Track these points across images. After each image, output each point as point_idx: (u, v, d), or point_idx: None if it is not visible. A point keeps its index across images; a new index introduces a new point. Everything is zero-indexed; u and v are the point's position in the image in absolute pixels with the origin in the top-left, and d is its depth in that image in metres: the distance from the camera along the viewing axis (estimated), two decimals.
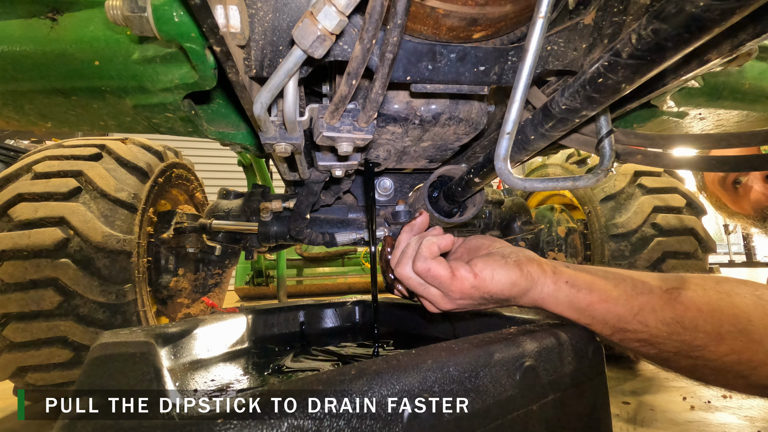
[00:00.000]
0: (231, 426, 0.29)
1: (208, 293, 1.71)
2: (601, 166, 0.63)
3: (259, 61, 0.53)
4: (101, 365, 0.45)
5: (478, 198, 0.95)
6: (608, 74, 0.43)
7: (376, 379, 0.36)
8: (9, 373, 1.23)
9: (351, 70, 0.46)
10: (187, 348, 0.69)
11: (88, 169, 1.28)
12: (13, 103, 0.69)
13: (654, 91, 0.59)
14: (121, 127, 0.76)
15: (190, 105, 0.69)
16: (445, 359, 0.41)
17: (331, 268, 4.94)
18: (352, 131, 0.58)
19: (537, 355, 0.48)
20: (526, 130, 0.62)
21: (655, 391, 1.39)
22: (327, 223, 1.14)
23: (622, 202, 1.60)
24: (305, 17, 0.40)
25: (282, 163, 0.83)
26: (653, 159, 0.61)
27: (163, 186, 1.53)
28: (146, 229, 1.38)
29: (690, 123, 0.93)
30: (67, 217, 1.18)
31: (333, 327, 0.97)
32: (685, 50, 0.37)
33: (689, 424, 1.13)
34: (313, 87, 0.77)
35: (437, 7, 0.48)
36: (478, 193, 0.93)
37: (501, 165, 0.59)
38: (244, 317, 0.83)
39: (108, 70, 0.61)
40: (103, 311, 1.21)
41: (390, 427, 0.35)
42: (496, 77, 0.58)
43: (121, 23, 0.47)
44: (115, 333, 0.58)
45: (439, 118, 0.66)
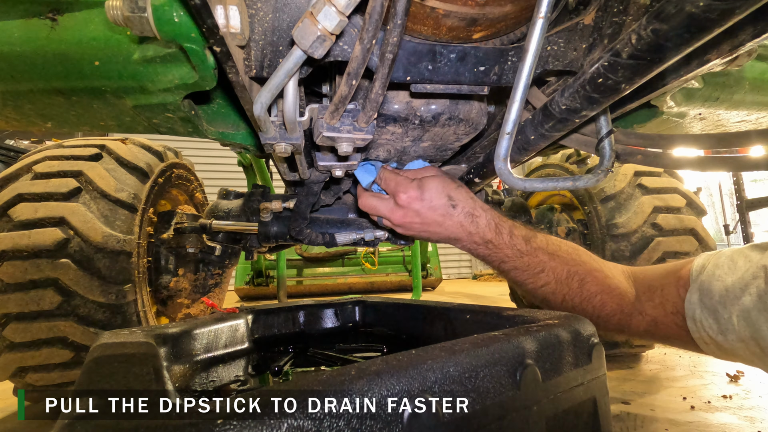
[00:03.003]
0: (231, 426, 0.29)
1: (208, 293, 1.71)
2: (601, 166, 0.64)
3: (259, 62, 0.53)
4: (101, 365, 0.45)
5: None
6: (608, 74, 0.43)
7: (376, 379, 0.36)
8: (9, 373, 1.23)
9: (351, 70, 0.46)
10: (187, 348, 0.69)
11: (88, 169, 1.28)
12: (13, 103, 0.69)
13: (654, 91, 0.59)
14: (121, 127, 0.76)
15: (190, 105, 0.69)
16: (445, 359, 0.41)
17: (331, 268, 4.94)
18: (352, 131, 0.59)
19: (537, 355, 0.48)
20: (526, 130, 0.62)
21: (655, 391, 1.39)
22: (327, 223, 1.14)
23: (622, 202, 1.60)
24: (305, 17, 0.40)
25: (282, 163, 0.83)
26: (653, 159, 0.61)
27: (163, 186, 1.53)
28: (146, 230, 1.38)
29: (690, 123, 0.93)
30: (67, 218, 1.18)
31: (333, 327, 0.97)
32: (685, 50, 0.37)
33: (689, 424, 1.13)
34: (313, 87, 0.77)
35: (437, 8, 0.48)
36: (478, 194, 0.93)
37: (501, 165, 0.59)
38: (243, 317, 0.83)
39: (108, 71, 0.61)
40: (103, 311, 1.21)
41: (390, 427, 0.35)
42: (496, 77, 0.58)
43: (121, 23, 0.47)
44: (115, 333, 0.58)
45: (439, 118, 0.66)
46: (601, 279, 0.73)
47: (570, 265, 0.74)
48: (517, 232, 0.76)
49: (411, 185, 0.76)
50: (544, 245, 0.75)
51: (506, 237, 0.75)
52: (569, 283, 0.73)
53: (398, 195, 0.76)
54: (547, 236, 0.78)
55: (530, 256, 0.75)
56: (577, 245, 0.79)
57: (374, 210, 0.82)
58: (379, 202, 0.80)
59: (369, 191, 0.84)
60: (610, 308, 0.72)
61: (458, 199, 0.75)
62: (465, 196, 0.76)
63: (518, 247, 0.75)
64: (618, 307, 0.71)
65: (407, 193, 0.75)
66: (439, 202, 0.75)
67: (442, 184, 0.76)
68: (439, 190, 0.75)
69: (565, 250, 0.76)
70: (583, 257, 0.76)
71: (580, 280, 0.73)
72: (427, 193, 0.75)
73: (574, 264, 0.74)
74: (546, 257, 0.75)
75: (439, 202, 0.75)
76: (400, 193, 0.76)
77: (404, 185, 0.76)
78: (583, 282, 0.73)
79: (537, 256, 0.75)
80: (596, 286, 0.72)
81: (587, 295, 0.73)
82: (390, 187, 0.79)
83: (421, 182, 0.76)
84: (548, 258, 0.75)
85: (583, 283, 0.73)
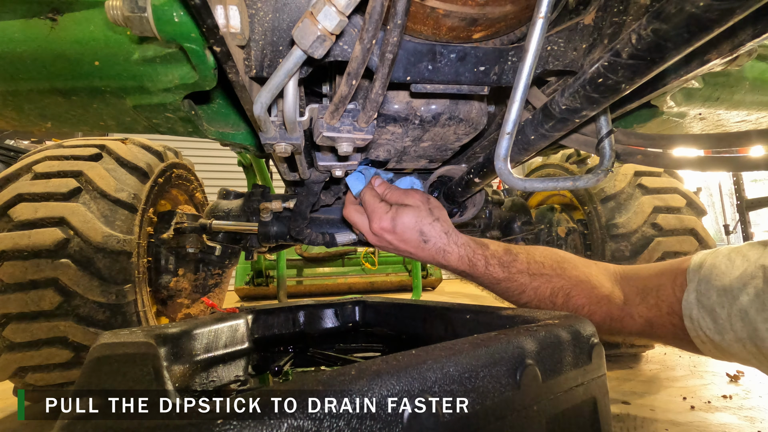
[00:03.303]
0: (231, 426, 0.29)
1: (208, 293, 1.71)
2: (601, 166, 0.63)
3: (259, 62, 0.53)
4: (101, 365, 0.45)
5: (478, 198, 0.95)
6: (608, 74, 0.43)
7: (376, 379, 0.36)
8: (9, 373, 1.23)
9: (351, 70, 0.46)
10: (187, 348, 0.69)
11: (88, 169, 1.28)
12: (13, 103, 0.69)
13: (654, 91, 0.59)
14: (121, 127, 0.76)
15: (190, 105, 0.69)
16: (445, 359, 0.41)
17: (331, 268, 4.94)
18: (352, 131, 0.59)
19: (537, 355, 0.48)
20: (526, 130, 0.62)
21: (655, 391, 1.39)
22: (327, 223, 1.14)
23: (622, 202, 1.60)
24: (305, 17, 0.40)
25: (282, 163, 0.83)
26: (653, 159, 0.61)
27: (163, 186, 1.53)
28: (146, 230, 1.38)
29: (690, 123, 0.93)
30: (67, 218, 1.18)
31: (333, 327, 0.97)
32: (685, 50, 0.37)
33: (689, 424, 1.13)
34: (313, 87, 0.77)
35: (437, 8, 0.48)
36: (478, 194, 0.93)
37: (501, 165, 0.59)
38: (243, 317, 0.83)
39: (108, 70, 0.61)
40: (103, 311, 1.21)
41: (390, 427, 0.35)
42: (496, 77, 0.58)
43: (121, 23, 0.47)
44: (115, 333, 0.58)
45: (439, 118, 0.66)
46: (588, 291, 0.73)
47: (554, 282, 0.74)
48: (494, 261, 0.76)
49: (385, 217, 0.77)
50: (524, 268, 0.76)
51: (481, 269, 0.76)
52: (553, 300, 0.74)
53: (372, 222, 0.78)
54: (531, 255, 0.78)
55: (508, 282, 0.76)
56: (564, 256, 0.79)
57: (354, 225, 0.85)
58: (359, 219, 0.82)
59: (355, 204, 0.86)
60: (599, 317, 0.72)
61: (430, 235, 0.76)
62: (438, 233, 0.77)
63: (494, 275, 0.76)
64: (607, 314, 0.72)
65: (380, 224, 0.77)
66: (411, 237, 0.76)
67: (416, 218, 0.76)
68: (411, 225, 0.76)
69: (550, 266, 0.76)
70: (568, 271, 0.75)
71: (566, 294, 0.73)
72: (399, 227, 0.76)
73: (558, 279, 0.74)
74: (527, 279, 0.75)
75: (411, 237, 0.76)
76: (374, 222, 0.78)
77: (378, 214, 0.78)
78: (568, 297, 0.73)
79: (516, 281, 0.76)
80: (583, 299, 0.73)
81: (573, 308, 0.73)
82: (367, 211, 0.80)
83: (396, 214, 0.77)
84: (529, 279, 0.75)
85: (568, 297, 0.73)
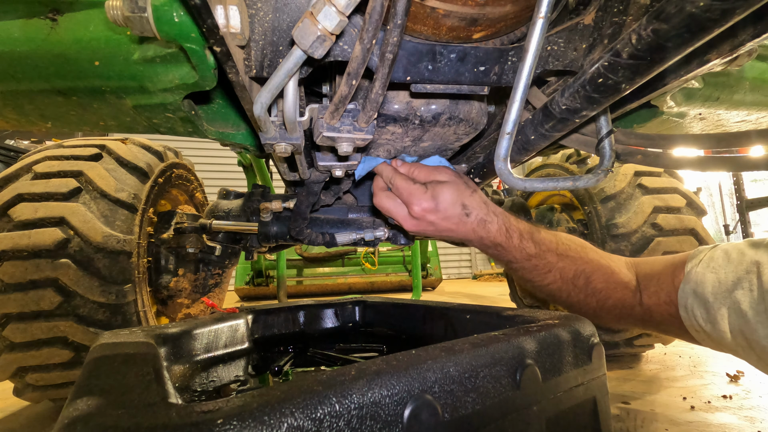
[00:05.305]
0: (231, 426, 0.29)
1: (208, 293, 1.71)
2: (601, 166, 0.64)
3: (259, 62, 0.53)
4: (101, 365, 0.45)
5: None
6: (608, 74, 0.43)
7: (376, 379, 0.36)
8: (9, 373, 1.22)
9: (351, 70, 0.46)
10: (187, 348, 0.69)
11: (88, 169, 1.28)
12: (13, 103, 0.69)
13: (654, 91, 0.59)
14: (121, 127, 0.76)
15: (190, 105, 0.69)
16: (445, 359, 0.41)
17: (331, 268, 4.94)
18: (352, 131, 0.59)
19: (537, 355, 0.48)
20: (526, 130, 0.62)
21: (655, 391, 1.39)
22: (327, 223, 1.14)
23: (622, 202, 1.60)
24: (305, 17, 0.40)
25: (282, 163, 0.83)
26: (653, 159, 0.62)
27: (163, 186, 1.53)
28: (146, 230, 1.37)
29: (690, 123, 0.93)
30: (67, 218, 1.18)
31: (333, 327, 0.97)
32: (686, 50, 0.37)
33: (689, 424, 1.13)
34: (313, 87, 0.77)
35: (437, 8, 0.48)
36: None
37: (501, 165, 0.59)
38: (243, 317, 0.83)
39: (108, 70, 0.61)
40: (103, 311, 1.21)
41: (390, 427, 0.35)
42: (496, 77, 0.58)
43: (121, 24, 0.47)
44: (115, 333, 0.58)
45: (439, 118, 0.66)
46: (608, 275, 0.76)
47: (578, 264, 0.77)
48: (527, 236, 0.77)
49: (425, 197, 0.74)
50: (554, 247, 0.78)
51: (516, 241, 0.76)
52: (575, 281, 0.77)
53: (412, 206, 0.74)
54: (558, 236, 0.80)
55: (538, 259, 0.77)
56: (585, 242, 0.82)
57: (388, 213, 0.80)
58: (394, 207, 0.78)
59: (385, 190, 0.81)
60: (613, 301, 0.76)
61: (472, 206, 0.75)
62: (479, 202, 0.76)
63: (527, 250, 0.77)
64: (621, 299, 0.75)
65: (421, 205, 0.74)
66: (454, 212, 0.74)
67: (456, 192, 0.75)
68: (454, 200, 0.74)
69: (575, 249, 0.79)
70: (590, 255, 0.79)
71: (587, 277, 0.76)
72: (442, 204, 0.73)
73: (582, 263, 0.77)
74: (555, 258, 0.77)
75: (454, 212, 0.74)
76: (414, 205, 0.74)
77: (417, 196, 0.74)
78: (589, 280, 0.76)
79: (545, 258, 0.77)
80: (602, 283, 0.76)
81: (592, 290, 0.76)
82: (403, 197, 0.76)
83: (434, 191, 0.74)
84: (557, 259, 0.77)
85: (589, 281, 0.76)
